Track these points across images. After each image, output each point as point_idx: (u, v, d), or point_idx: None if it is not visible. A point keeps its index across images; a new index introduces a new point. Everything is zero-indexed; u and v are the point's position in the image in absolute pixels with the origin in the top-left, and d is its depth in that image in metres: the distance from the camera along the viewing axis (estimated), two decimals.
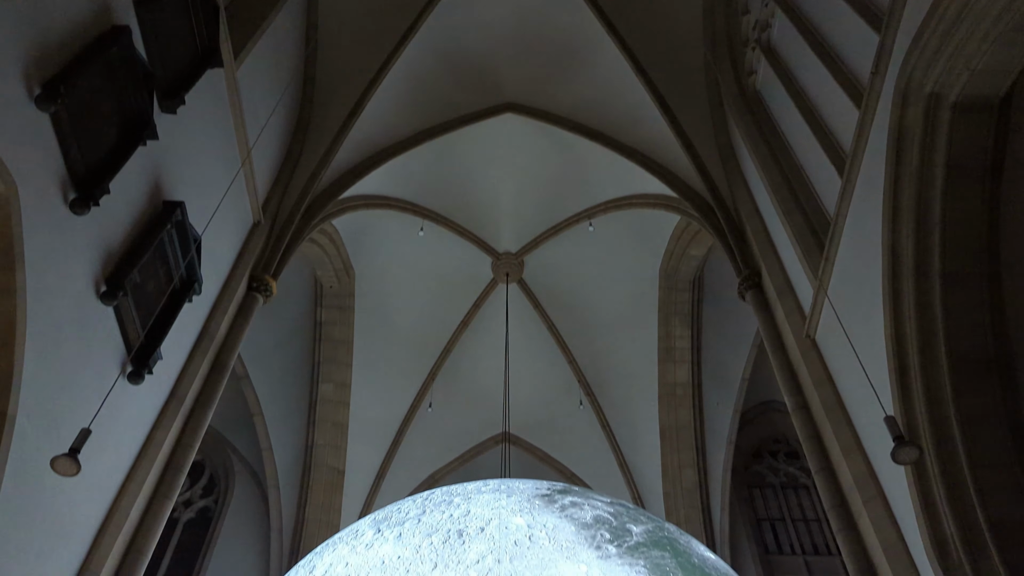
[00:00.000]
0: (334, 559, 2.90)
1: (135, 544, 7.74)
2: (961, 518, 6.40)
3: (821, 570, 15.00)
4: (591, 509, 3.00)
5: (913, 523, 6.81)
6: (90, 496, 7.23)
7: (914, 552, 6.91)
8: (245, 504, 15.87)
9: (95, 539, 7.30)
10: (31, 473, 6.22)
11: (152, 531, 7.94)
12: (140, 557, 7.69)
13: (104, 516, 7.48)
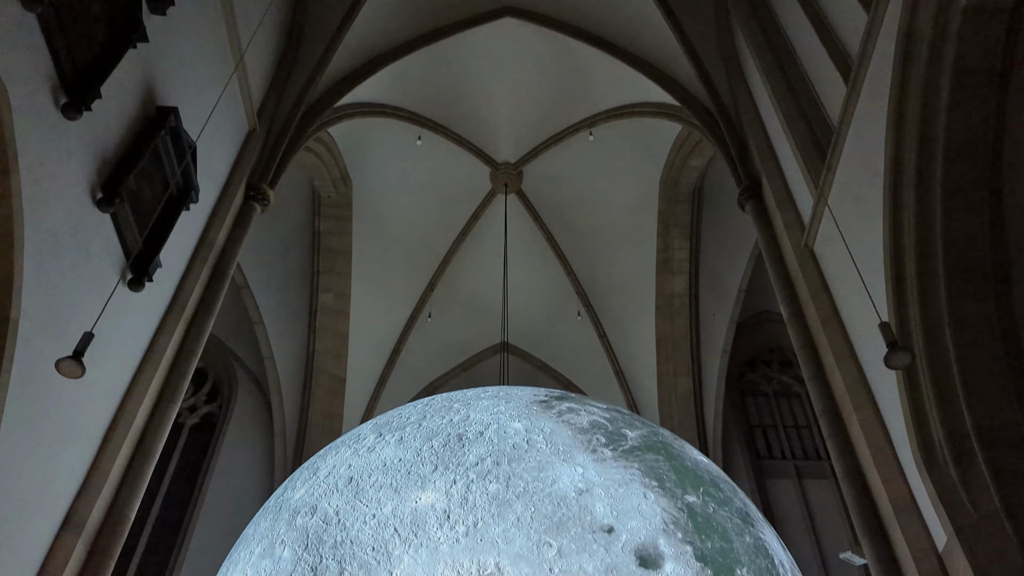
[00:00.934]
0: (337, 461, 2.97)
1: (142, 447, 7.94)
2: (949, 423, 6.56)
3: (810, 474, 15.45)
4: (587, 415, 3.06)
5: (901, 428, 6.98)
6: (96, 399, 7.38)
7: (901, 456, 7.11)
8: (248, 410, 16.20)
9: (102, 441, 7.49)
10: (37, 377, 6.33)
11: (158, 434, 8.14)
12: (147, 459, 7.90)
13: (110, 419, 7.66)
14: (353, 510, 2.59)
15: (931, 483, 6.52)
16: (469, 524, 2.44)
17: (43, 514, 6.60)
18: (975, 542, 6.14)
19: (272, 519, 2.84)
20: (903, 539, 6.82)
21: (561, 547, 2.38)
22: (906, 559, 6.80)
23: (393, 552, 2.41)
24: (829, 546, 14.00)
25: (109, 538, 7.19)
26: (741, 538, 2.70)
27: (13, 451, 6.13)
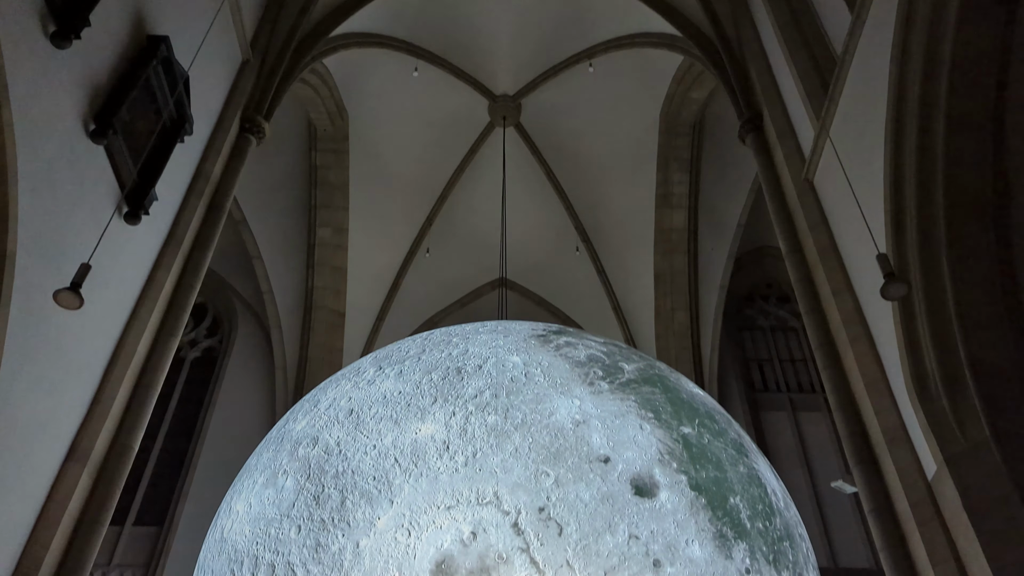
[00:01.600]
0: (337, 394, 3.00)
1: (144, 379, 8.03)
2: (942, 354, 6.64)
3: (804, 407, 15.69)
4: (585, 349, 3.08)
5: (896, 360, 7.06)
6: (96, 332, 7.43)
7: (894, 387, 7.21)
8: (249, 344, 16.32)
9: (104, 374, 7.57)
10: (36, 309, 6.37)
11: (159, 367, 8.21)
12: (150, 391, 8.00)
13: (112, 352, 7.72)
14: (354, 441, 2.63)
15: (922, 413, 6.62)
16: (468, 454, 2.48)
17: (48, 444, 6.70)
18: (964, 471, 6.27)
19: (274, 450, 2.88)
20: (893, 468, 6.96)
21: (558, 476, 2.43)
22: (896, 487, 6.95)
23: (394, 481, 2.45)
24: (821, 476, 14.29)
25: (114, 468, 7.32)
26: (735, 468, 2.75)
27: (16, 383, 6.20)
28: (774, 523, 2.71)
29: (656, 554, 2.33)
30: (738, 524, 2.55)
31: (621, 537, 2.33)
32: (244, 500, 2.77)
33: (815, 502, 14.20)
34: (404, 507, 2.38)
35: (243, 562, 2.54)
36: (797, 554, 2.75)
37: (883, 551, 6.93)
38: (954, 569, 6.13)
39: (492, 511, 2.34)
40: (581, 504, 2.37)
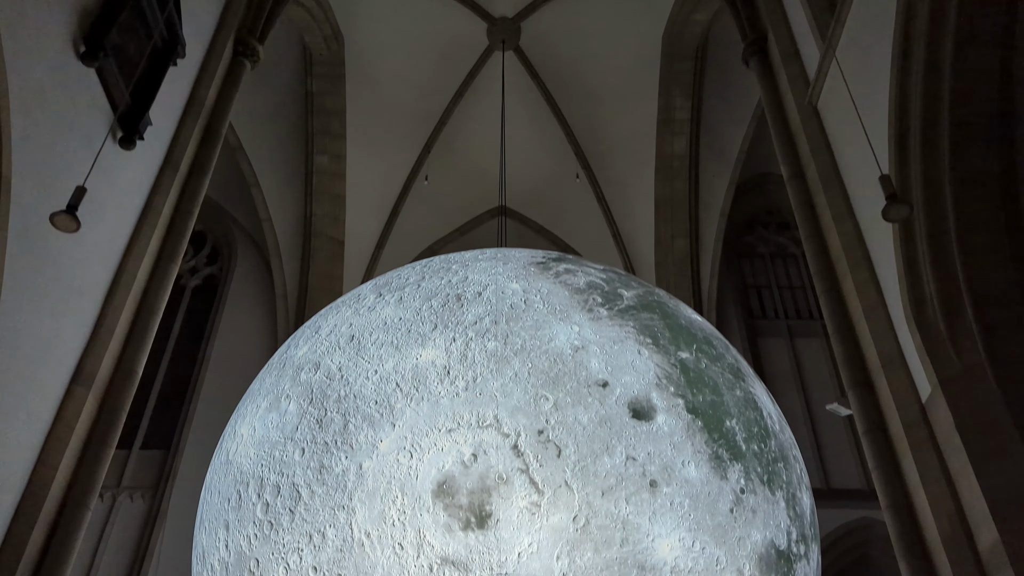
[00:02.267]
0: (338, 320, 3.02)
1: (145, 304, 8.07)
2: (941, 278, 6.66)
3: (802, 333, 15.83)
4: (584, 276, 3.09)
5: (894, 285, 7.10)
6: (96, 257, 7.45)
7: (892, 312, 7.27)
8: (249, 272, 16.36)
9: (105, 298, 7.61)
10: (34, 234, 6.37)
11: (160, 292, 8.25)
12: (151, 317, 8.05)
13: (112, 277, 7.75)
14: (355, 366, 2.66)
15: (919, 337, 6.68)
16: (468, 379, 2.51)
17: (52, 368, 6.79)
18: (958, 393, 6.36)
19: (277, 375, 2.92)
20: (888, 391, 7.05)
21: (557, 400, 2.46)
22: (890, 409, 7.06)
23: (395, 405, 2.49)
24: (816, 400, 14.51)
25: (118, 392, 7.42)
26: (732, 392, 2.79)
27: (17, 308, 6.25)
28: (769, 445, 2.76)
29: (653, 475, 2.38)
30: (734, 446, 2.60)
31: (618, 458, 2.38)
32: (248, 424, 2.82)
33: (810, 425, 14.45)
34: (406, 430, 2.42)
35: (249, 483, 2.60)
36: (791, 475, 2.81)
37: (875, 471, 7.08)
38: (945, 489, 6.27)
39: (492, 434, 2.38)
40: (579, 427, 2.41)
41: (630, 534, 2.29)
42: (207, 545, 2.72)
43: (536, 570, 2.22)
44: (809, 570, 2.76)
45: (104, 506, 12.78)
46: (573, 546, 2.25)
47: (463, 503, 2.28)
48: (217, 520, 2.69)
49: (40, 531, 6.29)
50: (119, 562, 12.34)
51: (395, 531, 2.28)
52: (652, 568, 2.29)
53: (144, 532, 12.64)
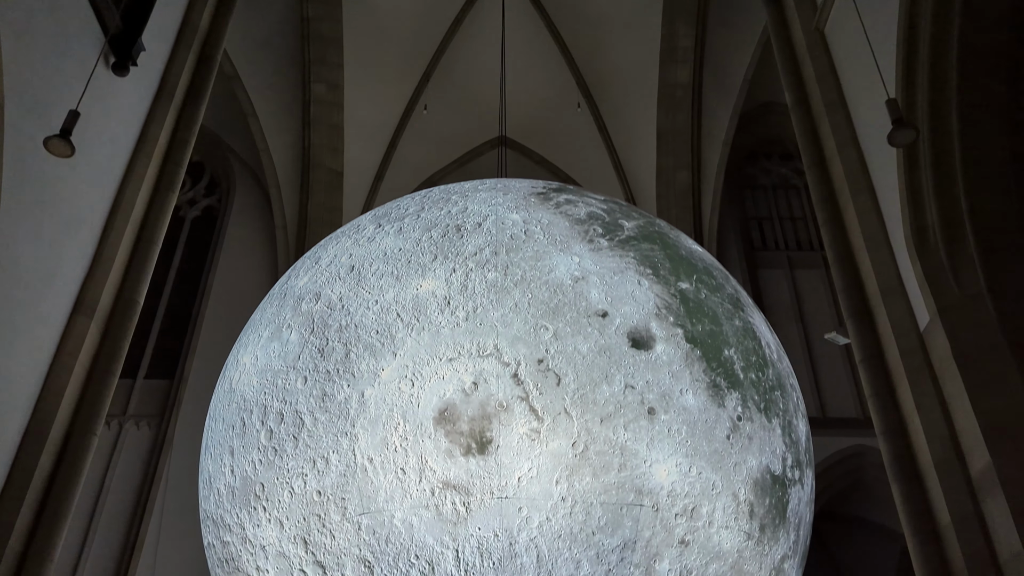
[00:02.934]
0: (338, 251, 3.01)
1: (144, 234, 8.07)
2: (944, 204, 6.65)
3: (802, 264, 15.86)
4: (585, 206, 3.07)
5: (896, 213, 7.08)
6: (93, 185, 7.43)
7: (893, 240, 7.27)
8: (248, 203, 16.30)
9: (104, 227, 7.61)
10: (30, 162, 6.35)
11: (159, 222, 8.24)
12: (151, 246, 8.06)
13: (110, 205, 7.73)
14: (356, 296, 2.67)
15: (919, 265, 6.70)
16: (469, 309, 2.52)
17: (54, 297, 6.83)
18: (956, 321, 6.41)
19: (278, 305, 2.93)
20: (887, 319, 7.10)
21: (557, 330, 2.48)
22: (888, 338, 7.12)
23: (396, 335, 2.51)
24: (815, 331, 14.62)
25: (120, 321, 7.48)
26: (731, 321, 2.80)
27: (16, 236, 6.26)
28: (766, 374, 2.79)
29: (651, 402, 2.42)
30: (731, 375, 2.62)
31: (617, 387, 2.41)
32: (250, 353, 2.84)
33: (807, 355, 14.60)
34: (407, 359, 2.45)
35: (252, 411, 2.63)
36: (787, 403, 2.85)
37: (871, 398, 7.18)
38: (939, 415, 6.37)
39: (492, 363, 2.40)
40: (579, 356, 2.43)
41: (628, 459, 2.33)
42: (213, 471, 2.78)
43: (536, 494, 2.27)
44: (803, 494, 2.82)
45: (111, 434, 13.00)
46: (572, 471, 2.29)
47: (464, 430, 2.32)
48: (222, 447, 2.73)
49: (48, 456, 6.41)
50: (127, 488, 12.63)
51: (397, 457, 2.32)
52: (649, 492, 2.34)
53: (151, 459, 12.90)
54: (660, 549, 2.35)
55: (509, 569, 2.27)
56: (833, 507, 13.32)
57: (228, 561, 2.67)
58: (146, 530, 12.12)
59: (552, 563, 2.28)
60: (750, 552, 2.52)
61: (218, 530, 2.72)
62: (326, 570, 2.39)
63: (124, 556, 11.95)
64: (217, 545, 2.74)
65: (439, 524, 2.28)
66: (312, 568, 2.41)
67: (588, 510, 2.29)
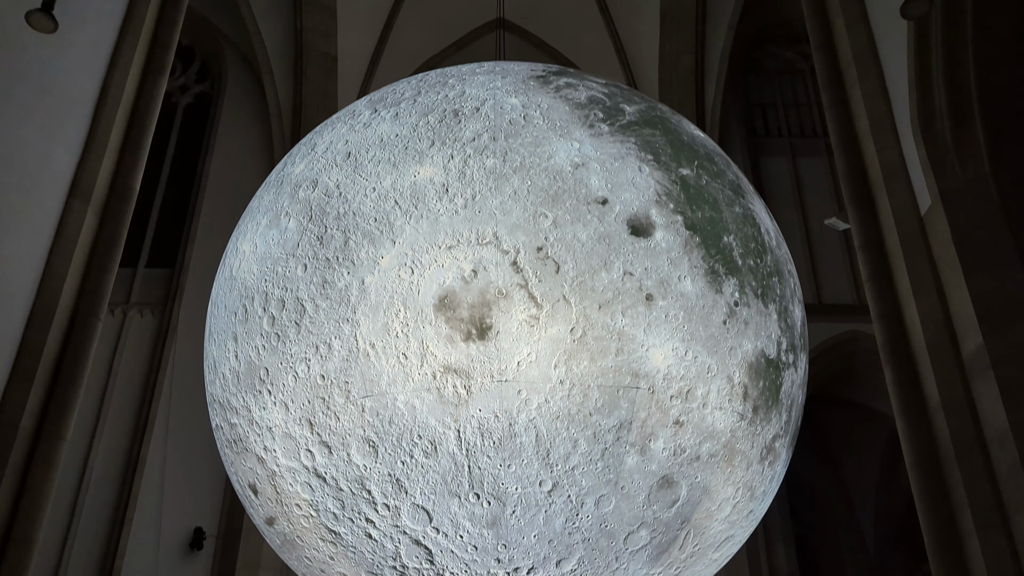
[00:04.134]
0: (334, 137, 2.97)
1: (136, 118, 7.94)
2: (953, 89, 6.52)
3: (804, 151, 15.70)
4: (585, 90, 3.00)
5: (904, 96, 6.96)
6: (81, 68, 7.28)
7: (899, 124, 7.16)
8: (241, 90, 15.95)
9: (95, 111, 7.48)
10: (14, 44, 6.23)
11: (151, 106, 8.10)
12: (144, 131, 7.95)
13: (99, 88, 7.59)
14: (353, 184, 2.65)
15: (924, 148, 6.62)
16: (467, 197, 2.51)
17: (49, 182, 6.80)
18: (958, 205, 6.40)
19: (275, 193, 2.91)
20: (888, 204, 7.08)
21: (556, 218, 2.47)
22: (888, 222, 7.11)
23: (395, 223, 2.50)
24: (815, 219, 14.61)
25: (117, 206, 7.46)
26: (731, 208, 2.79)
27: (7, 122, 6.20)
28: (765, 260, 2.80)
29: (649, 289, 2.44)
30: (730, 261, 2.64)
31: (616, 274, 2.42)
32: (249, 241, 2.85)
33: (806, 242, 14.65)
34: (406, 247, 2.45)
35: (254, 298, 2.66)
36: (784, 289, 2.87)
37: (868, 283, 7.23)
38: (935, 299, 6.44)
39: (492, 250, 2.41)
40: (578, 243, 2.44)
41: (625, 344, 2.38)
42: (217, 356, 2.83)
43: (534, 377, 2.32)
44: (796, 377, 2.88)
45: (115, 322, 13.18)
46: (570, 356, 2.34)
47: (464, 316, 2.35)
48: (225, 333, 2.78)
49: (54, 340, 6.52)
50: (135, 374, 12.91)
51: (399, 342, 2.36)
52: (645, 375, 2.39)
53: (156, 346, 13.13)
54: (655, 429, 2.42)
55: (509, 448, 2.35)
56: (825, 391, 13.67)
57: (236, 442, 2.76)
58: (155, 413, 12.47)
59: (550, 442, 2.35)
60: (743, 432, 2.60)
61: (225, 413, 2.79)
62: (332, 450, 2.47)
63: (136, 437, 12.34)
64: (225, 427, 2.83)
65: (441, 406, 2.34)
66: (318, 448, 2.49)
67: (585, 392, 2.34)
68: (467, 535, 2.45)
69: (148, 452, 12.18)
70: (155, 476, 12.06)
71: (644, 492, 2.47)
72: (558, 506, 2.41)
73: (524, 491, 2.39)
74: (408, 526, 2.47)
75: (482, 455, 2.35)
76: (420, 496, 2.41)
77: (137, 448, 12.23)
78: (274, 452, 2.60)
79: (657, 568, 2.67)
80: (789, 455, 2.98)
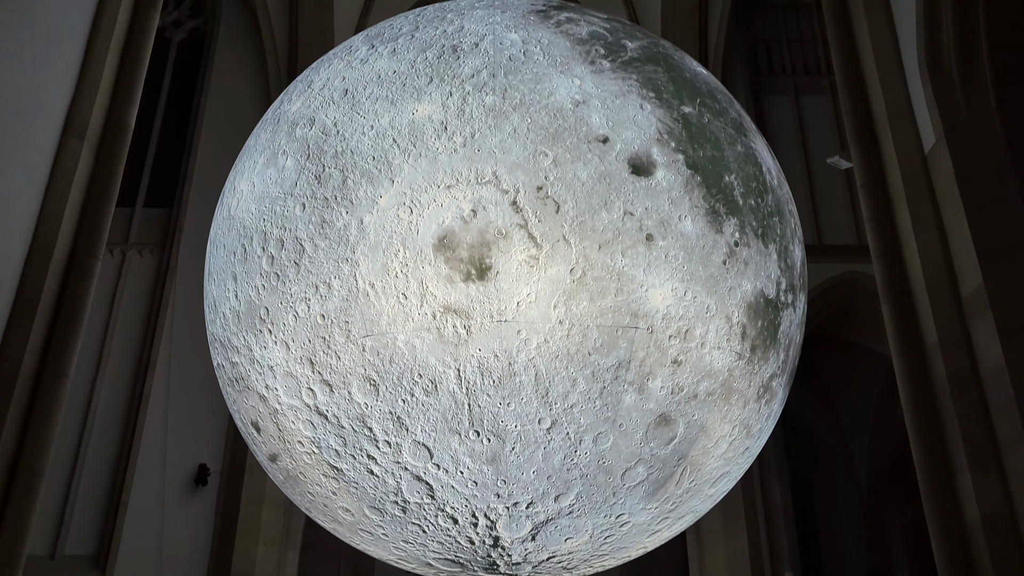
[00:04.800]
0: (330, 74, 2.92)
1: (129, 53, 7.79)
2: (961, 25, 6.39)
3: (808, 90, 15.50)
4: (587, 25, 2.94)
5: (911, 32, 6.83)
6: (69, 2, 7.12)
7: (906, 60, 7.05)
8: (235, 25, 15.63)
9: (87, 46, 7.35)
10: None
11: (143, 40, 7.94)
12: (137, 66, 7.81)
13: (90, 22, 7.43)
14: (351, 122, 2.62)
15: (930, 85, 6.53)
16: (466, 135, 2.48)
17: (43, 121, 6.72)
18: (962, 142, 6.33)
19: (272, 131, 2.88)
20: (892, 143, 7.00)
21: (556, 156, 2.45)
22: (891, 161, 7.04)
23: (393, 162, 2.48)
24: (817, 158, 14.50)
25: (113, 144, 7.38)
26: (733, 147, 2.77)
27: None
28: (766, 200, 2.79)
29: (649, 229, 2.43)
30: (731, 201, 2.62)
31: (616, 213, 2.41)
32: (247, 180, 2.83)
33: (807, 182, 14.57)
34: (405, 186, 2.43)
35: (252, 237, 2.65)
36: (785, 229, 2.87)
37: (869, 223, 7.19)
38: (936, 237, 6.41)
39: (491, 190, 2.39)
40: (578, 183, 2.42)
41: (624, 284, 2.38)
42: (217, 296, 2.84)
43: (534, 317, 2.33)
44: (795, 317, 2.89)
45: (115, 261, 13.17)
46: (569, 296, 2.34)
47: (463, 256, 2.34)
48: (225, 272, 2.78)
49: (53, 279, 6.52)
50: (136, 314, 12.96)
51: (398, 282, 2.36)
52: (644, 315, 2.40)
53: (156, 286, 13.15)
54: (653, 368, 2.44)
55: (508, 387, 2.37)
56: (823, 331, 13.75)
57: (238, 380, 2.79)
58: (157, 352, 12.55)
59: (549, 381, 2.37)
60: (740, 371, 2.62)
61: (226, 352, 2.81)
62: (333, 388, 2.49)
63: (138, 376, 12.45)
64: (226, 366, 2.85)
65: (441, 346, 2.35)
66: (319, 386, 2.52)
67: (585, 332, 2.36)
68: (467, 471, 2.49)
69: (151, 391, 12.30)
70: (158, 414, 12.21)
71: (642, 430, 2.50)
72: (557, 443, 2.45)
73: (523, 428, 2.42)
74: (409, 462, 2.50)
75: (482, 394, 2.38)
76: (421, 433, 2.45)
77: (140, 387, 12.36)
78: (276, 391, 2.62)
79: (654, 503, 2.72)
80: (786, 394, 3.01)
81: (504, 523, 2.61)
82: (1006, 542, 5.46)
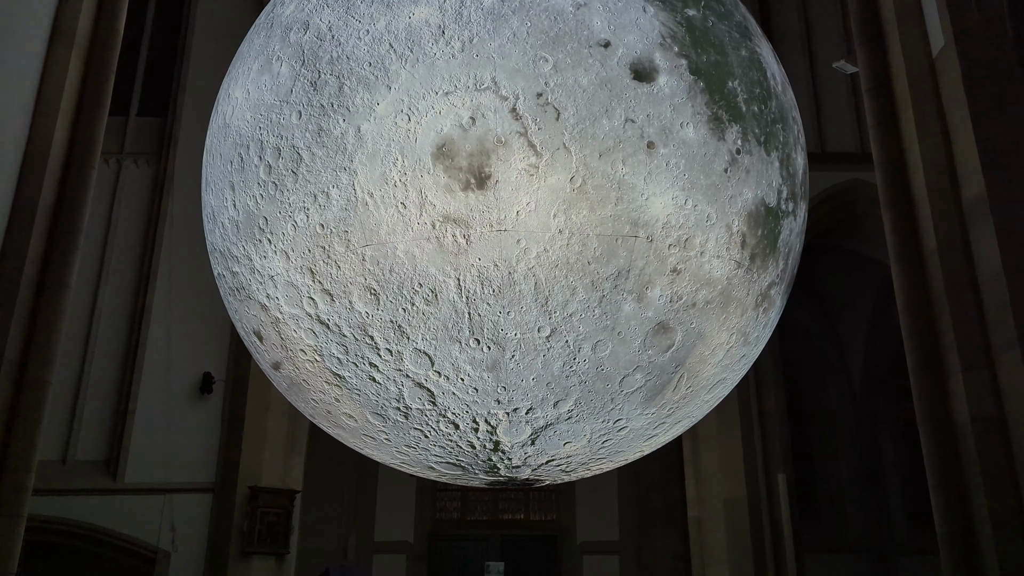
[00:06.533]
0: None
1: None
2: None
3: None
4: None
5: None
6: None
7: None
8: None
9: None
10: None
11: None
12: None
13: None
14: (346, 26, 2.55)
15: None
16: (465, 39, 2.42)
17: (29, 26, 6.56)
18: (972, 44, 6.17)
19: (265, 36, 2.80)
20: (899, 45, 6.82)
21: (557, 62, 2.40)
22: (898, 65, 6.88)
23: (390, 68, 2.43)
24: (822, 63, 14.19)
25: (103, 51, 7.20)
26: (737, 52, 2.70)
27: None
28: (769, 106, 2.74)
29: (650, 136, 2.40)
30: (734, 107, 2.58)
31: (617, 121, 2.38)
32: (241, 87, 2.77)
33: (812, 88, 14.31)
34: (402, 93, 2.39)
35: (249, 146, 2.62)
36: (788, 136, 2.83)
37: (873, 129, 7.07)
38: (940, 143, 6.32)
39: (490, 96, 2.35)
40: (579, 89, 2.37)
41: (625, 193, 2.36)
42: (216, 205, 2.82)
43: (534, 227, 2.33)
44: (795, 226, 2.89)
45: (111, 171, 13.06)
46: (569, 205, 2.33)
47: (462, 165, 2.32)
48: (222, 182, 2.75)
49: (49, 189, 6.47)
50: (134, 224, 12.93)
51: (397, 191, 2.35)
52: (644, 224, 2.40)
53: (154, 196, 13.08)
54: (652, 277, 2.45)
55: (508, 296, 2.39)
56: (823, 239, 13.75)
57: (239, 290, 2.80)
58: (158, 262, 12.58)
59: (549, 290, 2.39)
60: (739, 279, 2.63)
61: (226, 261, 2.82)
62: (334, 297, 2.51)
63: (140, 286, 12.52)
64: (227, 275, 2.86)
65: (440, 255, 2.36)
66: (320, 296, 2.53)
67: (584, 241, 2.35)
68: (468, 378, 2.54)
69: (153, 300, 12.38)
70: (161, 324, 12.32)
71: (640, 337, 2.53)
72: (556, 351, 2.48)
73: (523, 336, 2.45)
74: (410, 370, 2.54)
75: (482, 302, 2.39)
76: (422, 341, 2.48)
77: (143, 297, 12.44)
78: (277, 300, 2.64)
79: (651, 409, 2.78)
80: (784, 302, 3.04)
81: (504, 428, 2.68)
82: (996, 442, 5.58)
